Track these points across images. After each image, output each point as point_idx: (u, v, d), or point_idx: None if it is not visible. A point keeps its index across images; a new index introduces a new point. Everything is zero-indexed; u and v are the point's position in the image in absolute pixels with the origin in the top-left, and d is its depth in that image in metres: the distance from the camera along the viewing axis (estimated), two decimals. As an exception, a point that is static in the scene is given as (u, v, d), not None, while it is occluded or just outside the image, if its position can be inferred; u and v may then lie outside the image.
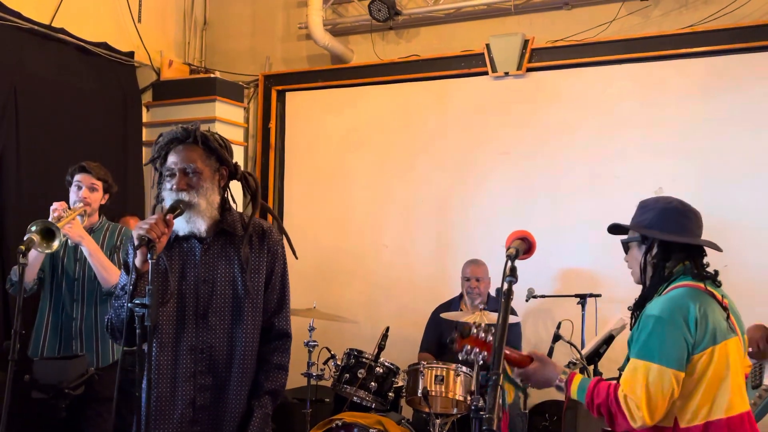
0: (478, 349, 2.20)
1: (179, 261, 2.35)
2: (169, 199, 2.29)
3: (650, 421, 2.10)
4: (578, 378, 2.23)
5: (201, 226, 2.30)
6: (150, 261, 2.10)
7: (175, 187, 2.27)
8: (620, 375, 2.22)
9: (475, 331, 2.19)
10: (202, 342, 2.32)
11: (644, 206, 2.40)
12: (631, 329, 2.29)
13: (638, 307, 2.31)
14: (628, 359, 2.22)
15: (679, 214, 2.33)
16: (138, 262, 2.16)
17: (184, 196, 2.26)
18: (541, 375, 2.26)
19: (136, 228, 2.17)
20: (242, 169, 2.45)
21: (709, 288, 2.25)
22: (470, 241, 5.17)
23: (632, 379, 2.13)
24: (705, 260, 2.34)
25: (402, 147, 5.48)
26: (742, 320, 2.36)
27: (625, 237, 2.44)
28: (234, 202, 2.46)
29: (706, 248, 2.35)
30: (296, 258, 2.59)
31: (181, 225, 2.29)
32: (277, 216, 2.50)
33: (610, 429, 2.37)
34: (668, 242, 2.29)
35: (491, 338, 2.15)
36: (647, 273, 2.31)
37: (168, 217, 2.21)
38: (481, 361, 2.12)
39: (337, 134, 5.71)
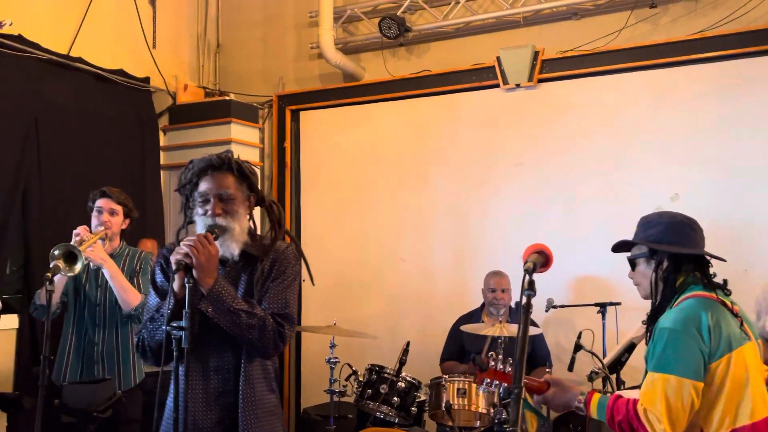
0: (497, 381, 2.24)
1: None
2: (201, 223, 2.35)
3: None
4: (596, 397, 2.24)
5: (234, 250, 2.37)
6: (187, 285, 2.17)
7: (210, 212, 2.33)
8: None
9: (492, 363, 2.24)
10: (226, 362, 2.38)
11: (648, 222, 2.42)
12: (646, 344, 2.30)
13: (651, 321, 2.32)
14: (646, 373, 2.23)
15: (686, 227, 2.36)
16: (176, 286, 2.23)
17: (220, 221, 2.33)
18: (559, 399, 2.28)
19: (174, 253, 2.24)
20: (267, 196, 2.52)
21: (719, 297, 2.26)
22: (487, 252, 5.19)
23: (651, 393, 2.13)
24: (712, 269, 2.37)
25: (416, 161, 5.52)
26: (754, 326, 2.37)
27: (630, 254, 2.45)
28: (254, 225, 2.51)
29: (710, 259, 2.37)
30: (313, 284, 2.62)
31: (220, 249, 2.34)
32: (296, 240, 2.53)
33: None
34: (678, 255, 2.31)
35: (510, 369, 2.19)
36: (659, 287, 2.32)
37: (207, 235, 2.27)
38: (502, 393, 2.14)
39: (352, 151, 5.76)
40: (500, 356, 2.24)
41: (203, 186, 2.36)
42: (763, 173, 4.49)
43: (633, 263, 2.45)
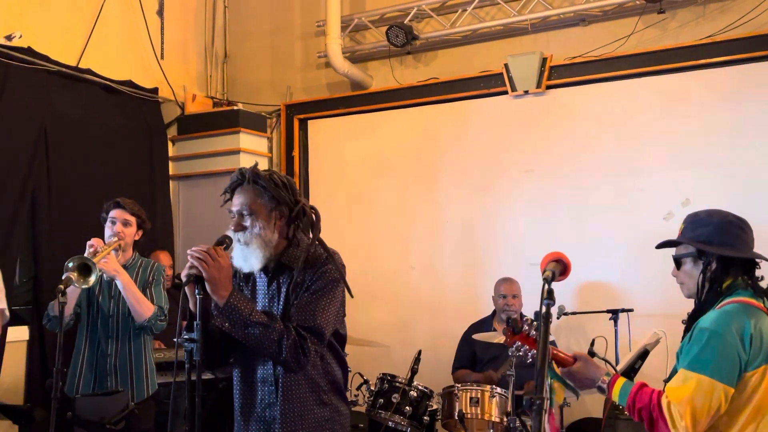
0: (528, 347, 2.20)
1: (252, 295, 2.47)
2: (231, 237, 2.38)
3: (692, 431, 2.06)
4: (621, 380, 2.21)
5: (255, 264, 2.35)
6: (198, 297, 2.18)
7: (232, 228, 2.36)
8: (664, 386, 2.20)
9: (526, 328, 2.19)
10: (269, 373, 2.39)
11: (697, 220, 2.34)
12: (682, 341, 2.25)
13: (692, 320, 2.27)
14: (674, 371, 2.20)
15: (736, 228, 2.29)
16: (190, 302, 2.25)
17: (240, 236, 2.34)
18: (585, 374, 2.24)
19: (185, 269, 2.24)
20: (304, 203, 2.49)
21: (765, 305, 2.22)
22: (497, 259, 5.17)
23: (681, 390, 2.10)
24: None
25: (425, 169, 5.51)
26: None
27: (676, 252, 2.38)
28: (296, 236, 2.47)
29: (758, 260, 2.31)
30: (351, 296, 2.55)
31: (238, 263, 2.36)
32: (330, 253, 2.47)
33: None
34: (728, 257, 2.25)
35: None
36: (704, 288, 2.27)
37: (217, 248, 2.27)
38: (530, 360, 2.11)
39: (360, 159, 5.76)
40: (534, 323, 2.18)
41: (233, 202, 2.40)
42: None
43: (678, 262, 2.36)
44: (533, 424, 1.35)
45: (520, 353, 2.19)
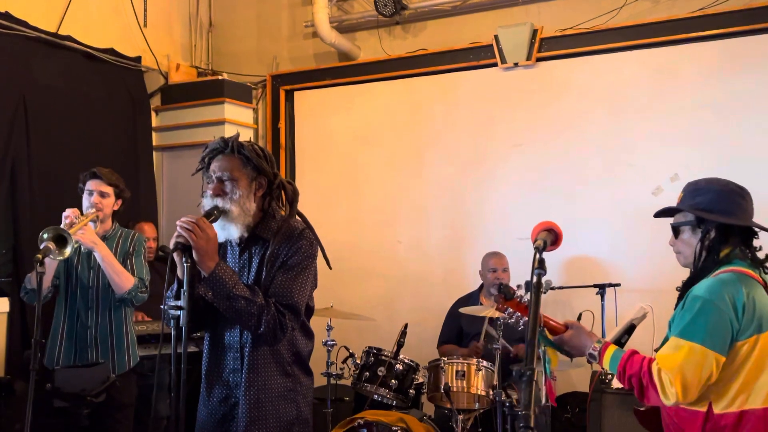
0: (519, 314, 2.19)
1: None
2: (205, 204, 2.40)
3: (682, 398, 2.06)
4: (612, 348, 2.21)
5: (234, 233, 2.40)
6: (185, 265, 2.21)
7: (211, 193, 2.39)
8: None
9: (519, 294, 2.18)
10: (235, 340, 2.43)
11: (697, 189, 2.30)
12: (675, 308, 2.24)
13: (686, 287, 2.25)
14: (666, 339, 2.18)
15: (737, 196, 2.26)
16: (178, 269, 2.28)
17: (219, 202, 2.37)
18: (576, 341, 2.24)
19: (173, 237, 2.28)
20: (282, 177, 2.52)
21: (760, 276, 2.20)
22: (485, 234, 5.14)
23: (672, 357, 2.09)
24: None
25: (413, 142, 5.45)
26: None
27: (674, 220, 2.35)
28: (273, 208, 2.49)
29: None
30: (330, 268, 2.62)
31: (217, 231, 2.37)
32: (311, 225, 2.52)
33: (641, 407, 2.35)
34: (727, 226, 2.23)
35: None
36: (702, 257, 2.24)
37: (205, 219, 2.31)
38: (521, 326, 2.10)
39: (347, 131, 5.68)
40: (526, 293, 2.17)
41: (211, 168, 2.43)
42: (764, 153, 4.44)
43: (677, 230, 2.34)
44: (523, 396, 1.32)
45: (512, 320, 2.17)
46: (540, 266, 1.68)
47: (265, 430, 2.38)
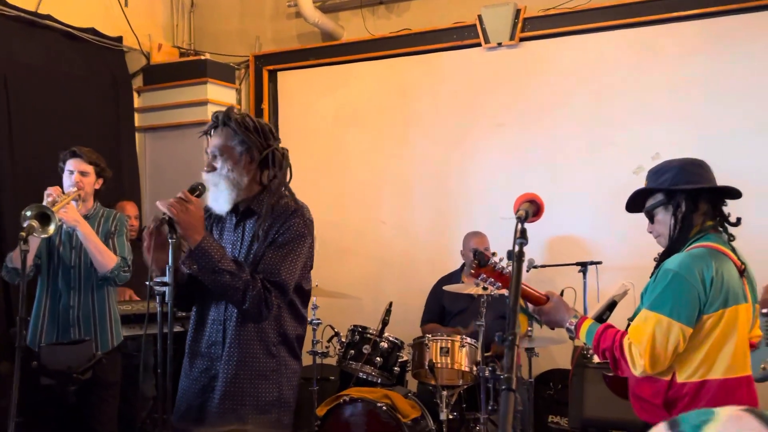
0: (493, 279, 2.22)
1: (220, 238, 2.50)
2: (204, 179, 2.44)
3: (650, 370, 2.15)
4: (588, 322, 2.28)
5: (224, 205, 2.41)
6: (171, 241, 2.23)
7: (206, 169, 2.43)
8: (629, 325, 2.24)
9: (493, 261, 2.21)
10: (220, 315, 2.44)
11: (658, 170, 2.40)
12: (649, 279, 2.31)
13: (662, 260, 2.32)
14: (638, 310, 2.25)
15: (696, 167, 2.36)
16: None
17: (209, 177, 2.40)
18: (555, 314, 2.30)
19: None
20: (276, 147, 2.50)
21: (729, 252, 2.28)
22: (468, 213, 5.17)
23: (640, 329, 2.17)
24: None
25: (396, 122, 5.45)
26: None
27: (647, 206, 2.42)
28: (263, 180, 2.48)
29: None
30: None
31: (210, 203, 2.42)
32: (299, 205, 2.51)
33: (610, 375, 2.43)
34: (696, 193, 2.30)
35: (509, 270, 2.16)
36: (677, 228, 2.31)
37: (186, 194, 2.32)
38: (496, 292, 2.13)
39: (331, 112, 5.67)
40: (503, 259, 2.17)
41: (208, 144, 2.47)
42: (746, 132, 4.49)
43: (651, 215, 2.40)
44: (505, 360, 1.35)
45: (486, 285, 2.20)
46: (522, 236, 1.71)
47: (240, 406, 2.37)
